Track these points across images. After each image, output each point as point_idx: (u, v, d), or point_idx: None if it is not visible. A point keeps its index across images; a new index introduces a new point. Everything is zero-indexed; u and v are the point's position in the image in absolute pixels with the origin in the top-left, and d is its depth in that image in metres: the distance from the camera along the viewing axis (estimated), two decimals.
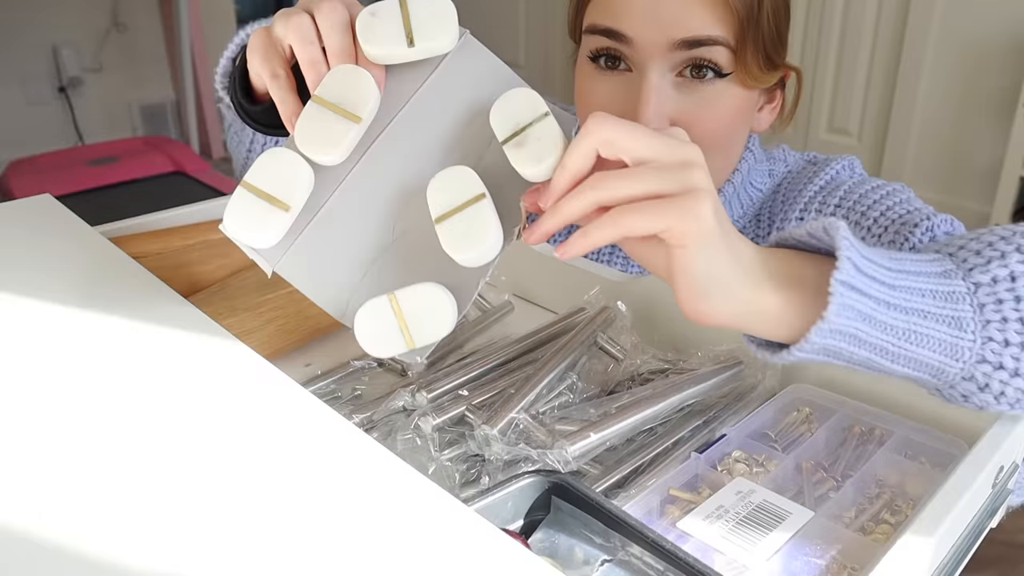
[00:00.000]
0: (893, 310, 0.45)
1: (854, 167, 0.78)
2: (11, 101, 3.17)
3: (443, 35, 0.52)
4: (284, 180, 0.48)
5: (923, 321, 0.46)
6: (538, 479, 0.48)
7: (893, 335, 0.45)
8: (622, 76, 0.68)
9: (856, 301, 0.43)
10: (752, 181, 0.78)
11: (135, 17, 3.38)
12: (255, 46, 0.54)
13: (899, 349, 0.46)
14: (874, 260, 0.45)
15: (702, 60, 0.65)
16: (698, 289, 0.44)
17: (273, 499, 0.37)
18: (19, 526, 0.35)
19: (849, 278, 0.43)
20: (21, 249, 0.61)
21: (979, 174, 2.66)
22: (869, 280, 0.44)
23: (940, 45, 2.64)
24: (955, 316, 0.46)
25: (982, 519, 0.51)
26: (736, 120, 0.70)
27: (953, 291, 0.47)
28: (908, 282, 0.46)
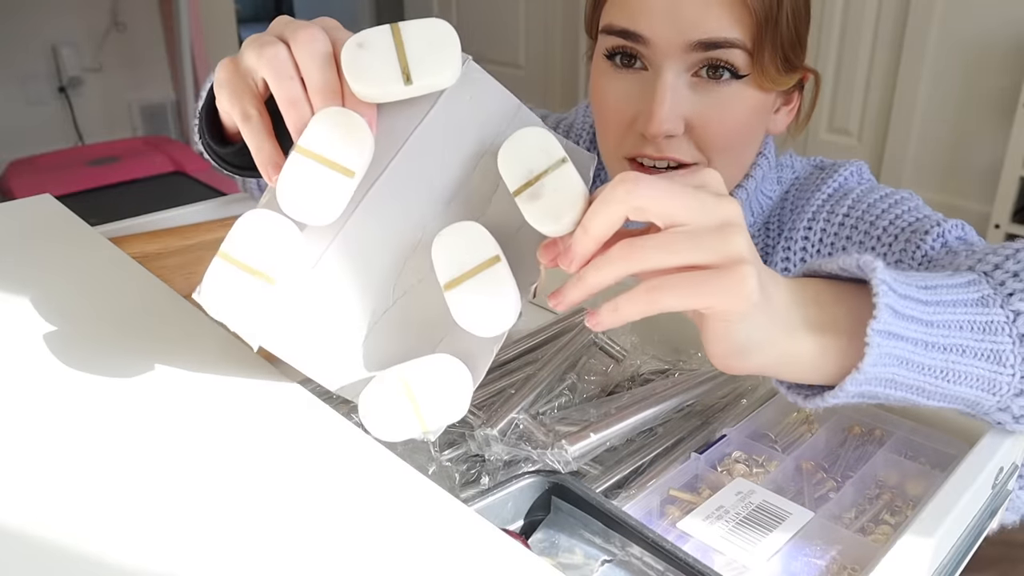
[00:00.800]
0: (931, 349, 0.43)
1: (862, 173, 0.77)
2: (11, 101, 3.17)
3: (445, 69, 0.44)
4: (268, 248, 0.42)
5: (961, 358, 0.44)
6: (538, 479, 0.48)
7: (930, 375, 0.44)
8: (637, 75, 0.68)
9: (894, 347, 0.42)
10: (763, 189, 0.78)
11: (135, 17, 3.38)
12: (223, 81, 0.48)
13: (936, 388, 0.45)
14: (910, 296, 0.43)
15: (718, 61, 0.65)
16: (734, 350, 0.42)
17: (273, 499, 0.37)
18: (19, 526, 0.35)
19: (887, 326, 0.41)
20: (21, 249, 0.61)
21: (979, 174, 2.66)
22: (907, 322, 0.42)
23: (940, 45, 2.64)
24: (994, 350, 0.45)
25: (982, 520, 0.51)
26: (751, 122, 0.70)
27: (991, 320, 0.45)
28: (945, 316, 0.44)
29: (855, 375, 0.42)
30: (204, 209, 0.86)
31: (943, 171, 2.75)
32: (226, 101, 0.48)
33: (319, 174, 0.42)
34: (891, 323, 0.42)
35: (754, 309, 0.39)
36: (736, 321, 0.40)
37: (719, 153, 0.69)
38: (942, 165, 2.75)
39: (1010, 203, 2.54)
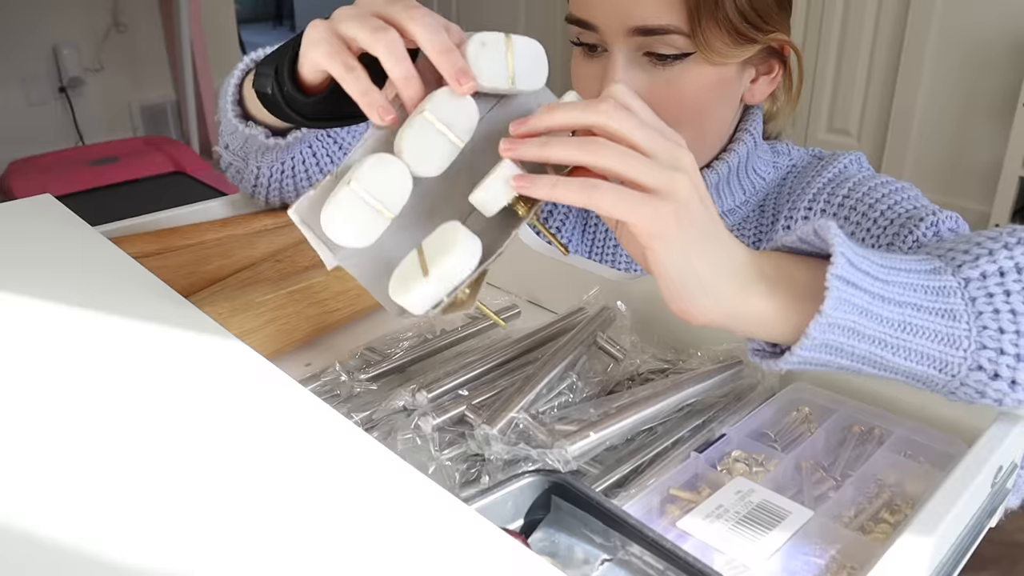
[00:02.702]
0: (887, 303, 0.46)
1: (861, 162, 0.79)
2: (12, 101, 3.17)
3: (537, 82, 0.54)
4: (391, 188, 0.49)
5: (917, 313, 0.47)
6: (538, 479, 0.48)
7: (890, 327, 0.46)
8: (600, 58, 0.73)
9: (851, 295, 0.45)
10: (755, 168, 0.79)
11: (135, 17, 3.38)
12: (317, 39, 0.53)
13: (897, 340, 0.47)
14: (866, 256, 0.47)
15: (658, 45, 0.69)
16: (676, 288, 0.46)
17: (273, 499, 0.37)
18: (19, 526, 0.35)
19: (844, 272, 0.44)
20: (21, 249, 0.61)
21: (979, 174, 2.66)
22: (862, 275, 0.46)
23: (940, 45, 2.64)
24: (948, 309, 0.48)
25: (981, 518, 0.51)
26: (705, 96, 0.72)
27: (944, 286, 0.48)
28: (899, 277, 0.47)
29: (817, 318, 0.44)
30: (204, 209, 0.86)
31: (943, 171, 2.75)
32: (323, 57, 0.53)
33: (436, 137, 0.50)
34: (848, 271, 0.45)
35: (672, 239, 0.44)
36: (660, 249, 0.44)
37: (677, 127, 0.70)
38: (942, 165, 2.75)
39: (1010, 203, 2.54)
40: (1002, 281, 0.49)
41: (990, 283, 0.49)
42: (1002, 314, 0.48)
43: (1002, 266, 0.49)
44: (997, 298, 0.48)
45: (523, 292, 0.79)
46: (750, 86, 0.75)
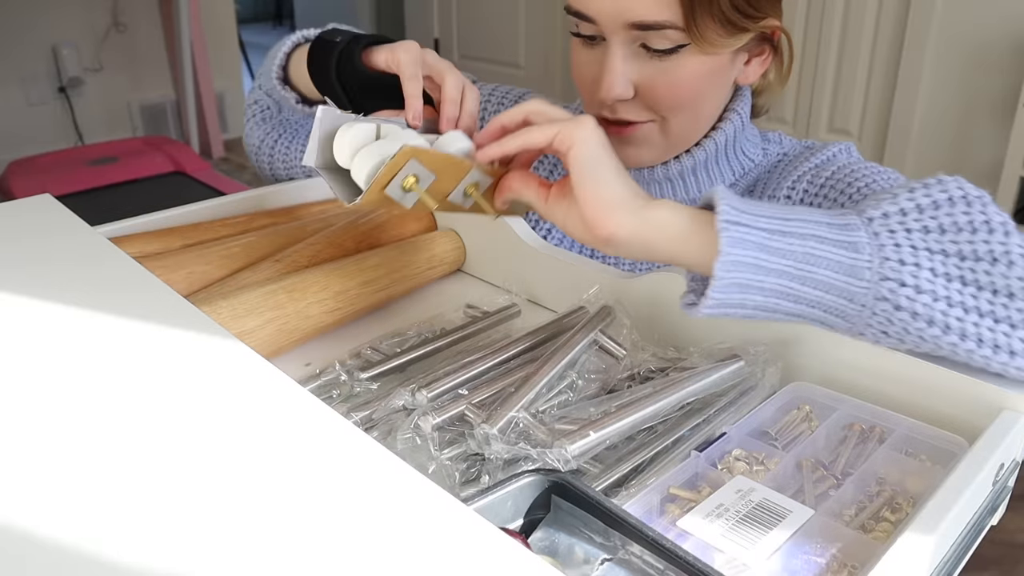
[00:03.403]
0: (788, 236, 0.51)
1: (851, 151, 0.80)
2: (11, 101, 3.17)
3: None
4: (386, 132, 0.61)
5: (819, 244, 0.51)
6: (538, 478, 0.48)
7: (793, 259, 0.51)
8: (598, 47, 0.75)
9: (746, 233, 0.51)
10: (743, 148, 0.81)
11: (135, 17, 3.38)
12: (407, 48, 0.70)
13: (801, 272, 0.51)
14: (759, 206, 0.53)
15: (653, 39, 0.71)
16: (598, 203, 0.54)
17: (272, 499, 0.37)
18: (19, 526, 0.35)
19: (730, 216, 0.51)
20: (21, 249, 0.61)
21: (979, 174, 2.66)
22: (755, 216, 0.52)
23: (940, 45, 2.64)
24: (850, 241, 0.52)
25: (982, 517, 0.51)
26: (701, 84, 0.74)
27: (847, 223, 0.53)
28: (802, 214, 0.53)
29: (719, 258, 0.50)
30: (204, 209, 0.86)
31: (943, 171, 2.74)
32: (407, 60, 0.69)
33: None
34: (734, 215, 0.51)
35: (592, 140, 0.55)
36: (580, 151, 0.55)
37: (672, 112, 0.75)
38: (942, 165, 2.75)
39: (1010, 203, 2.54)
40: (903, 220, 0.52)
41: (892, 221, 0.52)
42: (903, 248, 0.51)
43: (903, 206, 0.53)
44: (899, 234, 0.52)
45: (523, 291, 0.79)
46: (743, 68, 0.78)
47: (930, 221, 0.53)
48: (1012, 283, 0.51)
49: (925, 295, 0.51)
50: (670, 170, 0.79)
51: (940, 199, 0.53)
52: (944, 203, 0.53)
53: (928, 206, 0.53)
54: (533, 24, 3.81)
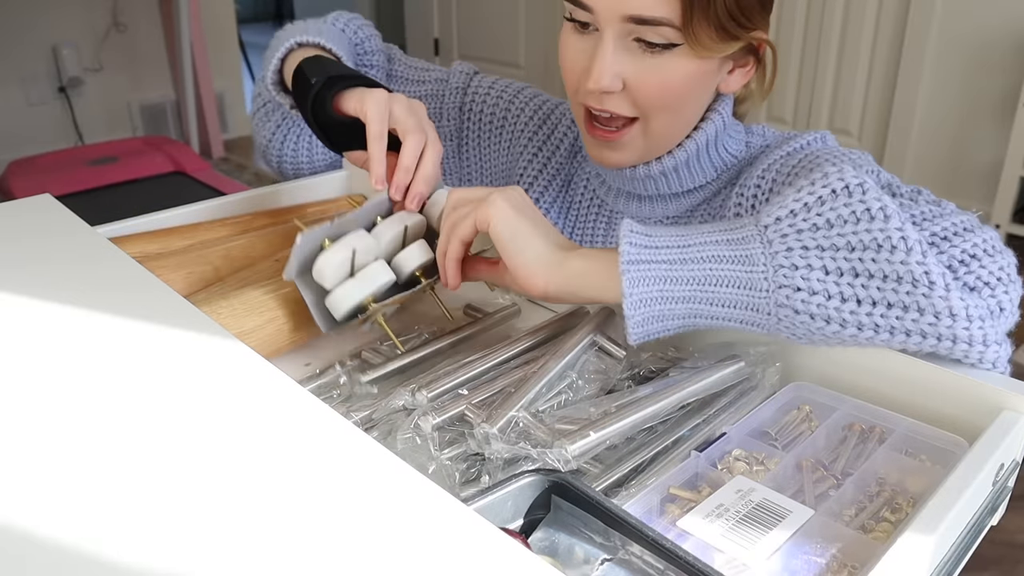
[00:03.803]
0: (688, 263, 0.56)
1: (826, 140, 0.80)
2: (11, 101, 3.17)
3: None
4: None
5: (717, 265, 0.55)
6: (538, 478, 0.48)
7: (695, 284, 0.56)
8: (590, 36, 0.76)
9: (646, 270, 0.56)
10: (726, 146, 0.82)
11: (135, 17, 3.38)
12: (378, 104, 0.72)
13: (705, 294, 0.56)
14: (664, 234, 0.57)
15: (649, 35, 0.71)
16: (523, 268, 0.60)
17: (272, 499, 0.37)
18: (19, 526, 0.35)
19: (630, 255, 0.56)
20: (21, 249, 0.61)
21: (979, 174, 2.66)
22: (657, 250, 0.56)
23: (940, 45, 2.64)
24: (745, 255, 0.55)
25: (982, 517, 0.51)
26: (688, 86, 0.75)
27: (744, 236, 0.56)
28: (701, 239, 0.57)
29: (625, 301, 0.56)
30: (204, 209, 0.86)
31: (943, 171, 2.75)
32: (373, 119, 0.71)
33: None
34: (636, 254, 0.56)
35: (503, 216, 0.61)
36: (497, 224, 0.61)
37: (656, 111, 0.75)
38: (942, 165, 2.75)
39: (1010, 203, 2.54)
40: (794, 221, 0.55)
41: (783, 224, 0.55)
42: (794, 251, 0.54)
43: (792, 207, 0.55)
44: (790, 237, 0.54)
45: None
46: (727, 76, 0.79)
47: (817, 218, 0.54)
48: (897, 267, 0.53)
49: (818, 295, 0.54)
50: (652, 169, 0.79)
51: (824, 194, 0.55)
52: (828, 197, 0.55)
53: (814, 203, 0.55)
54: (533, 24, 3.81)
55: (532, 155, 0.93)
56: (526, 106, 0.95)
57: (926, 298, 0.52)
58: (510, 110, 0.96)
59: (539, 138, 0.94)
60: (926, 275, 0.52)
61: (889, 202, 0.54)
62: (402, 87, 1.00)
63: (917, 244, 0.53)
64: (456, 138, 0.99)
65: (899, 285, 0.53)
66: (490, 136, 0.97)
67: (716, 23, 0.70)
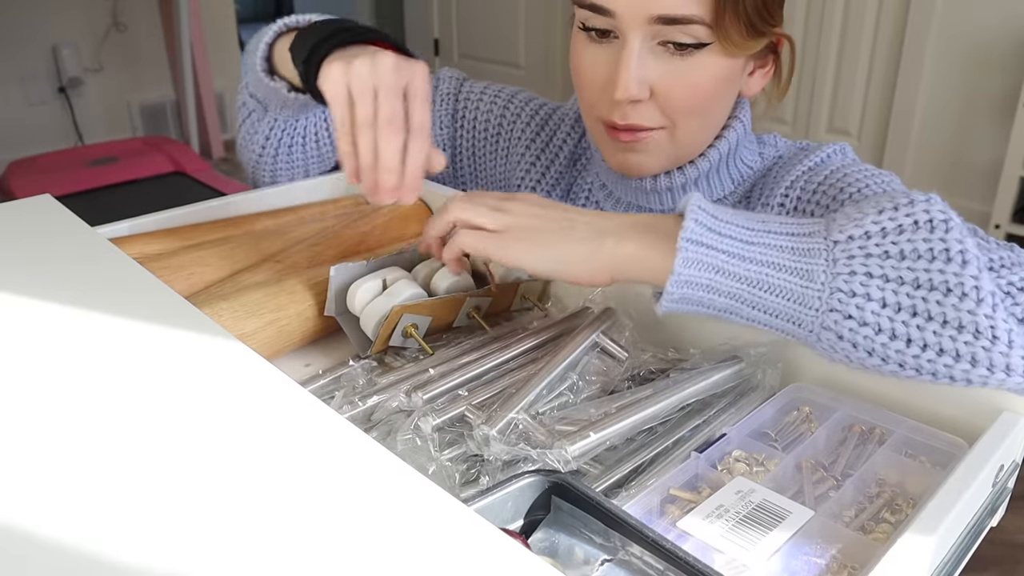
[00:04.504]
0: (746, 262, 0.53)
1: (846, 152, 0.79)
2: (11, 101, 3.17)
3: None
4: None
5: (775, 272, 0.53)
6: (538, 479, 0.48)
7: (745, 284, 0.53)
8: (610, 44, 0.71)
9: (704, 254, 0.53)
10: (742, 157, 0.79)
11: (135, 17, 3.38)
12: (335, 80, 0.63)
13: (752, 296, 0.53)
14: (732, 222, 0.54)
15: (679, 35, 0.68)
16: (560, 275, 0.57)
17: (272, 500, 0.37)
18: (19, 526, 0.35)
19: (694, 235, 0.53)
20: (21, 249, 0.61)
21: (979, 174, 2.66)
22: (721, 237, 0.53)
23: (940, 45, 2.64)
24: (807, 269, 0.52)
25: (983, 518, 0.51)
26: (718, 87, 0.72)
27: (811, 248, 0.53)
28: (768, 239, 0.54)
29: (671, 277, 0.53)
30: (204, 209, 0.86)
31: (943, 171, 2.75)
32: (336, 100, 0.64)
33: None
34: (699, 234, 0.53)
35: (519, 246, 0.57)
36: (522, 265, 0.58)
37: (685, 117, 0.72)
38: (942, 165, 2.75)
39: (1010, 203, 2.54)
40: (865, 244, 0.52)
41: (854, 245, 0.52)
42: (856, 276, 0.51)
43: (868, 229, 0.52)
44: (856, 260, 0.52)
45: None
46: (748, 78, 0.76)
47: (891, 246, 0.52)
48: (963, 316, 0.50)
49: (868, 327, 0.51)
50: (673, 181, 0.77)
51: (906, 223, 0.52)
52: (909, 227, 0.52)
53: (892, 230, 0.52)
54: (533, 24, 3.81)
55: (531, 163, 0.90)
56: (522, 111, 0.92)
57: (985, 351, 0.50)
58: (505, 116, 0.93)
59: (538, 144, 0.90)
60: (991, 328, 0.50)
61: (971, 245, 0.51)
62: None
63: (989, 296, 0.50)
64: (450, 147, 0.96)
65: (959, 333, 0.50)
66: (485, 143, 0.94)
67: (745, 19, 0.68)
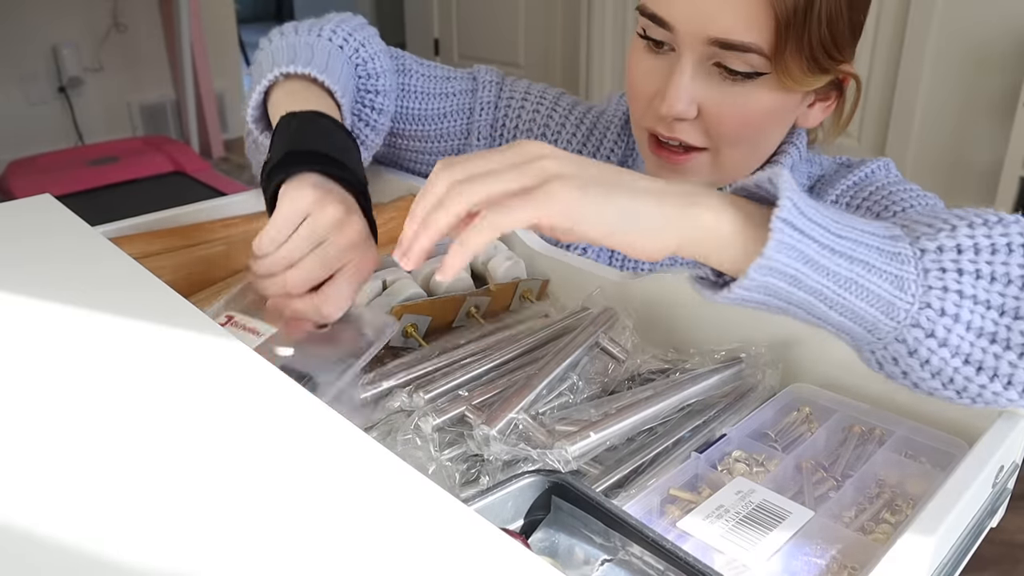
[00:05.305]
0: (837, 256, 0.45)
1: (889, 168, 0.77)
2: (11, 101, 3.17)
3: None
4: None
5: (866, 273, 0.46)
6: (538, 479, 0.48)
7: (834, 281, 0.46)
8: (666, 57, 0.70)
9: (798, 241, 0.44)
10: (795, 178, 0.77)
11: (135, 17, 3.38)
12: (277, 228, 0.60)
13: (838, 296, 0.46)
14: (821, 210, 0.46)
15: (734, 61, 0.66)
16: (623, 239, 0.46)
17: (272, 499, 0.37)
18: (19, 526, 0.35)
19: (790, 216, 0.44)
20: (21, 249, 0.61)
21: (979, 174, 2.66)
22: (813, 224, 0.45)
23: (940, 45, 2.64)
24: (899, 275, 0.47)
25: (982, 518, 0.51)
26: (768, 119, 0.70)
27: (900, 252, 0.47)
28: (856, 235, 0.47)
29: (759, 260, 0.44)
30: (204, 209, 0.86)
31: (943, 171, 2.75)
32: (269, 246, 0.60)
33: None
34: (795, 218, 0.44)
35: (578, 206, 0.45)
36: (576, 221, 0.45)
37: (730, 144, 0.70)
38: (942, 165, 2.75)
39: (1010, 203, 2.53)
40: (958, 259, 0.48)
41: (945, 258, 0.48)
42: (949, 294, 0.47)
43: (960, 243, 0.48)
44: (949, 275, 0.47)
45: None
46: (806, 110, 0.74)
47: (984, 266, 0.48)
48: None
49: (946, 348, 0.47)
50: None
51: (999, 243, 0.48)
52: (1002, 249, 0.48)
53: (986, 248, 0.48)
54: (533, 24, 3.81)
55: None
56: (567, 119, 0.88)
57: None
58: (550, 125, 0.88)
59: (587, 152, 0.87)
60: None
61: None
62: (421, 103, 0.88)
63: None
64: None
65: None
66: None
67: (808, 54, 0.65)
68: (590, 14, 3.50)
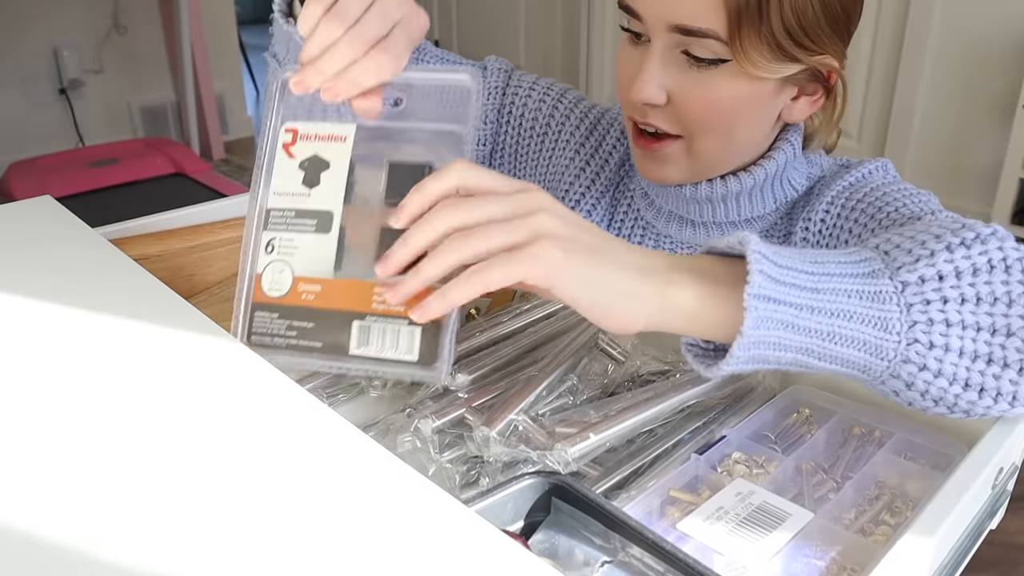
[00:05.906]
0: (816, 313, 0.46)
1: (887, 169, 0.77)
2: (12, 102, 3.17)
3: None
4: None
5: (847, 323, 0.47)
6: (538, 480, 0.48)
7: (817, 337, 0.47)
8: (644, 46, 0.72)
9: (774, 311, 0.45)
10: (790, 178, 0.78)
11: (135, 18, 3.38)
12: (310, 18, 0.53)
13: (824, 349, 0.47)
14: (793, 267, 0.47)
15: (694, 46, 0.68)
16: (598, 309, 0.46)
17: (273, 500, 0.38)
18: (19, 526, 0.35)
19: (763, 290, 0.45)
20: (21, 250, 0.62)
21: (979, 174, 2.66)
22: (786, 288, 0.46)
23: (940, 45, 2.64)
24: (881, 316, 0.47)
25: (982, 520, 0.51)
26: (737, 106, 0.70)
27: (880, 291, 0.48)
28: (833, 284, 0.47)
29: (739, 339, 0.45)
30: (205, 211, 0.86)
31: (943, 172, 2.75)
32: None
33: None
34: (768, 288, 0.45)
35: (566, 270, 0.45)
36: (559, 283, 0.45)
37: (701, 131, 0.71)
38: (942, 166, 2.75)
39: (1010, 204, 2.54)
40: (940, 287, 0.48)
41: (927, 289, 0.48)
42: (935, 325, 0.47)
43: (941, 270, 0.48)
44: (933, 306, 0.47)
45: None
46: (790, 103, 0.74)
47: (968, 289, 0.48)
48: None
49: (942, 378, 0.48)
50: (700, 191, 0.76)
51: (980, 263, 0.49)
52: (983, 268, 0.49)
53: (967, 271, 0.48)
54: (533, 24, 3.81)
55: (580, 169, 0.87)
56: (571, 113, 0.88)
57: None
58: (554, 116, 0.89)
59: (587, 150, 0.87)
60: None
61: None
62: None
63: None
64: (491, 143, 0.92)
65: None
66: (530, 143, 0.90)
67: (770, 40, 0.66)
68: (590, 14, 3.50)
